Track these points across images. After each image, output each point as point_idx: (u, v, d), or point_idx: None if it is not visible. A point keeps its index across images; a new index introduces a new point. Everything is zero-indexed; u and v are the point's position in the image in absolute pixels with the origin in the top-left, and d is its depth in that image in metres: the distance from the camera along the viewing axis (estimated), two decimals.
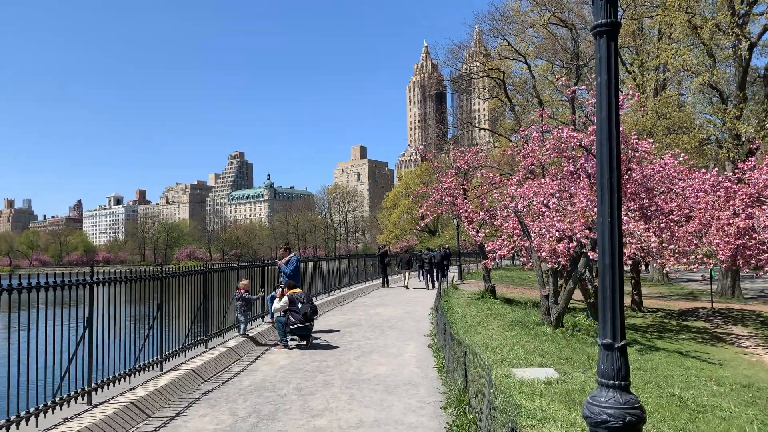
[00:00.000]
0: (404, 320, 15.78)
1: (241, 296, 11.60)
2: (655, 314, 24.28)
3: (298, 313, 11.42)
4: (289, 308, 11.48)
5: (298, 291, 11.86)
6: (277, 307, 11.56)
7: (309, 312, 11.51)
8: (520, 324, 14.75)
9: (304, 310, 11.44)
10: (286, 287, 11.92)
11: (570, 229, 14.11)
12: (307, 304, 11.53)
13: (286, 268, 13.44)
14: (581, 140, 16.41)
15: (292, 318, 11.43)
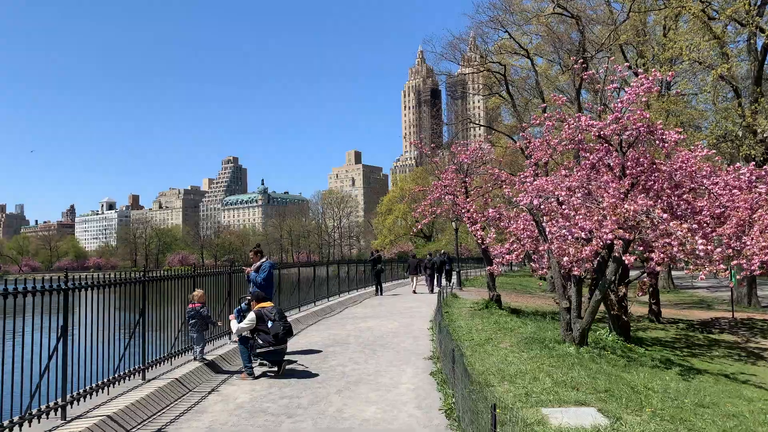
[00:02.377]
0: (399, 336, 13.48)
1: (195, 312, 9.28)
2: (676, 326, 22.02)
3: (268, 333, 9.11)
4: (256, 327, 9.16)
5: (269, 305, 9.52)
6: (242, 327, 9.24)
7: (281, 332, 9.19)
8: (537, 342, 12.45)
9: (275, 330, 9.13)
10: (253, 300, 9.61)
11: (597, 229, 11.86)
12: (278, 323, 9.21)
13: (255, 277, 11.04)
14: (600, 129, 14.26)
15: (260, 339, 9.11)
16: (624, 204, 11.89)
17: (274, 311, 9.35)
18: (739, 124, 28.17)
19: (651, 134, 14.22)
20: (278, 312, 9.42)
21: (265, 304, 9.44)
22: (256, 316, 9.16)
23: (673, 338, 18.61)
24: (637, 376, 10.30)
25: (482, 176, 20.67)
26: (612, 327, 15.08)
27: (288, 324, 9.48)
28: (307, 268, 19.55)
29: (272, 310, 9.36)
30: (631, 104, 14.14)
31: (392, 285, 32.75)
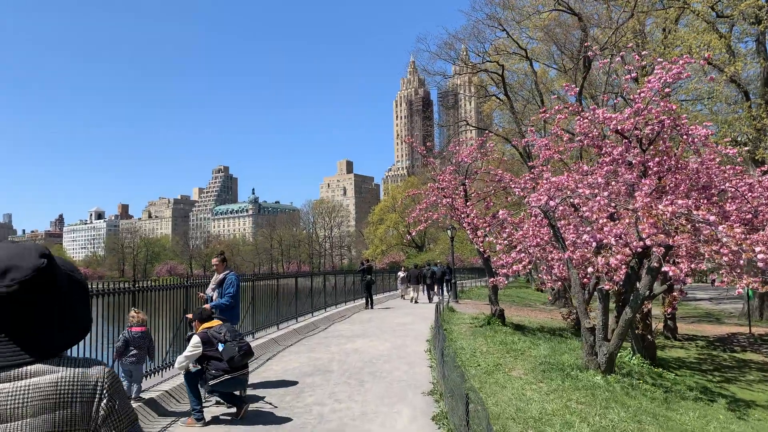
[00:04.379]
0: (392, 361, 11.46)
1: (130, 337, 7.25)
2: (695, 344, 20.12)
3: (220, 359, 7.08)
4: (204, 354, 7.12)
5: (216, 324, 7.47)
6: (183, 357, 7.16)
7: (238, 355, 7.12)
8: (555, 369, 10.47)
9: (229, 354, 7.05)
10: (195, 320, 7.57)
11: (627, 234, 9.95)
12: (232, 343, 7.16)
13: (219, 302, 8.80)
14: (620, 123, 12.43)
15: (212, 369, 7.07)
16: (658, 205, 9.99)
17: (224, 330, 7.30)
18: (754, 126, 26.53)
19: (677, 129, 12.40)
20: (230, 330, 7.37)
21: (210, 324, 7.41)
22: (201, 340, 7.13)
23: (697, 359, 16.68)
24: (686, 416, 8.34)
25: (483, 178, 18.74)
26: (636, 348, 13.14)
27: (245, 344, 7.41)
28: (289, 280, 17.53)
29: (221, 329, 7.31)
30: (655, 94, 12.29)
31: (384, 297, 30.70)
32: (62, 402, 1.48)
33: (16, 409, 1.44)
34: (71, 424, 1.49)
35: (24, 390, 1.45)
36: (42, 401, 1.46)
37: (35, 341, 1.52)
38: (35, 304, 1.53)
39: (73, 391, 1.51)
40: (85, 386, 1.53)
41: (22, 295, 1.50)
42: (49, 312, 1.55)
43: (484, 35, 34.21)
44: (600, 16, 36.20)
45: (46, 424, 1.45)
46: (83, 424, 1.50)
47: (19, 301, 1.50)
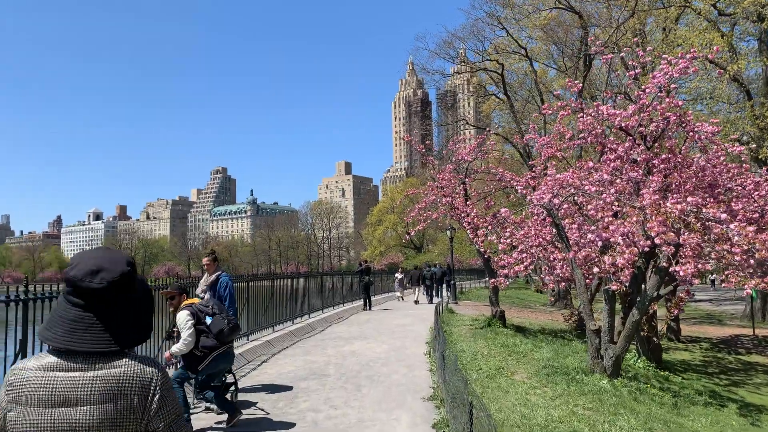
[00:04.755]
0: (390, 364, 11.09)
1: None
2: (699, 346, 19.77)
3: (208, 333, 6.73)
4: (195, 327, 6.76)
5: (197, 300, 7.22)
6: (182, 344, 6.76)
7: (227, 328, 6.78)
8: (560, 372, 10.10)
9: (219, 326, 6.72)
10: (176, 296, 7.22)
11: (633, 233, 9.59)
12: (220, 316, 6.87)
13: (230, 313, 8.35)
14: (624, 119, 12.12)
15: (197, 351, 6.71)
16: (666, 203, 9.64)
17: (211, 303, 7.01)
18: (757, 125, 26.23)
19: (682, 126, 12.08)
20: (216, 304, 7.08)
21: (192, 300, 7.08)
22: (190, 313, 6.78)
23: (702, 361, 16.32)
24: (698, 423, 7.98)
25: (483, 178, 18.38)
26: (641, 350, 12.78)
27: (233, 318, 7.17)
28: (285, 281, 17.15)
29: (207, 302, 7.02)
30: (660, 89, 11.97)
31: (382, 298, 30.34)
32: (123, 394, 1.73)
33: (85, 395, 1.69)
34: (128, 414, 1.73)
35: (95, 379, 1.71)
36: (106, 389, 1.72)
37: (117, 334, 1.79)
38: (117, 303, 1.82)
39: (133, 386, 1.76)
40: (142, 382, 1.77)
41: (108, 293, 1.80)
42: (127, 312, 1.85)
43: (484, 34, 33.92)
44: (600, 15, 35.93)
45: (108, 411, 1.70)
46: (138, 415, 1.75)
47: (105, 298, 1.80)
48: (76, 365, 1.73)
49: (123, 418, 1.74)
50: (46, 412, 1.70)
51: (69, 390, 1.71)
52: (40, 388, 1.71)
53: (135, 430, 1.77)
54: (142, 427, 1.78)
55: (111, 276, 1.81)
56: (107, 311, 1.81)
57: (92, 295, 1.79)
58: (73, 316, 1.79)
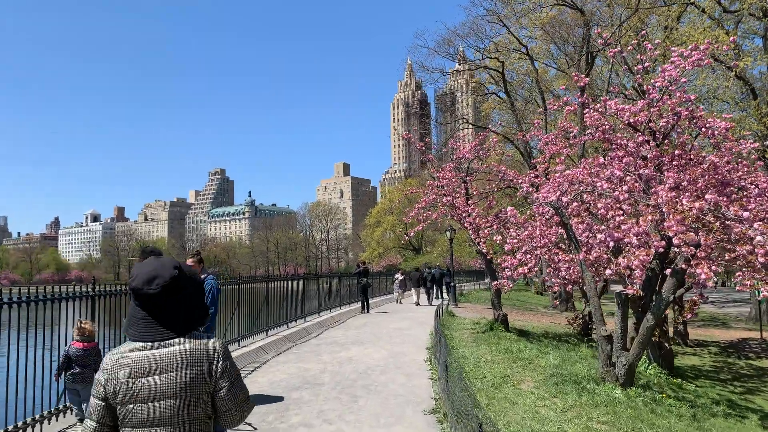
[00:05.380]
0: (389, 371, 10.48)
1: (73, 354, 6.23)
2: (708, 350, 19.19)
3: None
4: None
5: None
6: None
7: None
8: (569, 381, 9.49)
9: None
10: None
11: (645, 233, 8.98)
12: None
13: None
14: (634, 115, 11.57)
15: None
16: (682, 199, 9.04)
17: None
18: (764, 123, 25.71)
19: (694, 121, 11.50)
20: None
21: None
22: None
23: (712, 367, 15.74)
24: None
25: (485, 177, 17.78)
26: (651, 356, 12.18)
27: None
28: (280, 283, 16.53)
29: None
30: (673, 82, 11.38)
31: (380, 300, 29.71)
32: (194, 362, 2.32)
33: (168, 365, 2.29)
34: (201, 377, 2.32)
35: (170, 354, 2.30)
36: (183, 360, 2.30)
37: (174, 324, 2.36)
38: (173, 302, 2.38)
39: (201, 356, 2.34)
40: (207, 352, 2.36)
41: (163, 295, 2.35)
42: (180, 306, 2.39)
43: (484, 31, 33.40)
44: (602, 13, 35.46)
45: (185, 376, 2.29)
46: (208, 377, 2.33)
47: (161, 299, 2.36)
48: (158, 345, 2.29)
49: (196, 381, 2.28)
50: (137, 381, 2.24)
51: (154, 363, 2.26)
52: (134, 364, 2.26)
53: (206, 390, 2.31)
54: (211, 387, 2.32)
55: (163, 281, 2.32)
56: (163, 311, 2.32)
57: (150, 300, 2.32)
58: (142, 316, 2.33)
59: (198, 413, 2.32)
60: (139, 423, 2.26)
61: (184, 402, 2.28)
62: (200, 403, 2.32)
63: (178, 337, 2.33)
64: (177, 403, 2.27)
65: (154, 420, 2.26)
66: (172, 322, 2.34)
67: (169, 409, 2.27)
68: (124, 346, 2.34)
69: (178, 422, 2.28)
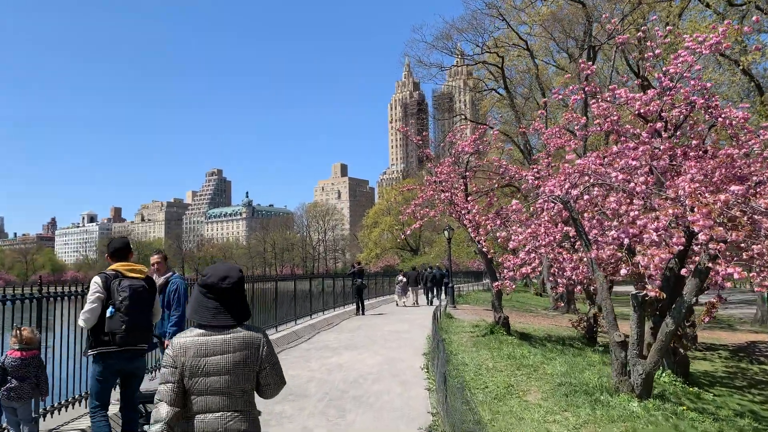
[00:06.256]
0: (383, 380, 9.62)
1: (8, 365, 5.34)
2: (717, 354, 18.36)
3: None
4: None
5: (136, 268, 5.46)
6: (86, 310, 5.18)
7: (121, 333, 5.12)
8: (579, 391, 8.65)
9: (113, 326, 5.12)
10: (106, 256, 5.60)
11: (665, 229, 8.12)
12: (122, 313, 5.15)
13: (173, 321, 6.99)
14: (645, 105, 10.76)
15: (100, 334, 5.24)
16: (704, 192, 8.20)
17: (135, 285, 5.33)
18: None
19: (709, 111, 10.67)
20: (136, 290, 5.30)
21: (129, 266, 5.42)
22: (101, 283, 5.29)
23: (726, 372, 14.91)
24: None
25: (486, 170, 16.91)
26: (666, 363, 11.32)
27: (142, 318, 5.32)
28: (269, 284, 15.67)
29: (131, 284, 5.30)
30: (689, 68, 10.55)
31: (376, 302, 28.85)
32: (246, 346, 2.96)
33: (226, 347, 2.92)
34: (250, 359, 2.96)
35: (231, 338, 2.94)
36: (237, 344, 2.94)
37: (236, 312, 3.01)
38: (235, 296, 3.04)
39: (251, 342, 2.99)
40: (255, 340, 3.01)
41: (231, 291, 3.02)
42: (240, 301, 3.06)
43: (483, 26, 32.58)
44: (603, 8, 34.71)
45: (239, 357, 2.93)
46: (256, 359, 2.98)
47: (230, 293, 3.01)
48: (218, 332, 2.95)
49: (249, 360, 2.96)
50: (202, 359, 2.90)
51: (218, 345, 2.93)
52: (199, 346, 2.92)
53: (253, 369, 2.99)
54: (257, 368, 3.01)
55: (233, 280, 3.04)
56: (231, 301, 3.02)
57: (222, 293, 3.01)
58: (212, 305, 3.00)
59: (246, 386, 2.97)
60: (202, 391, 2.88)
61: (237, 377, 2.91)
62: (248, 378, 2.97)
63: (236, 327, 2.96)
64: (232, 378, 2.90)
65: (214, 389, 2.88)
66: (235, 311, 2.99)
67: (226, 382, 2.89)
68: (190, 332, 2.98)
69: (231, 392, 2.90)
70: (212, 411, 2.89)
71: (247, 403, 3.00)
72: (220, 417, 2.89)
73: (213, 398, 2.89)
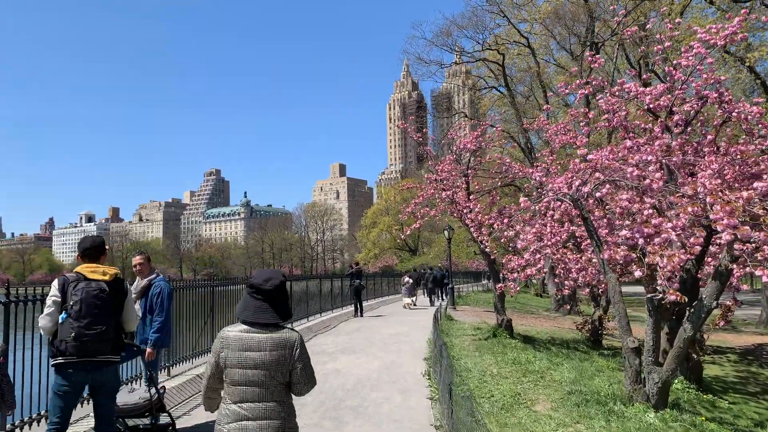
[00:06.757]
0: (381, 387, 9.11)
1: None
2: (725, 357, 17.86)
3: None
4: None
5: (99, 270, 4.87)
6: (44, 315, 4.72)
7: (71, 343, 4.56)
8: (591, 400, 8.14)
9: (64, 334, 4.57)
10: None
11: (683, 228, 7.62)
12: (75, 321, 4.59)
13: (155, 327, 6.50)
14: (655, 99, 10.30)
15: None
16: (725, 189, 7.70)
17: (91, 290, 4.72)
18: None
19: (723, 106, 10.18)
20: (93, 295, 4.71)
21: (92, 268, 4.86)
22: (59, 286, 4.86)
23: (737, 377, 14.41)
24: None
25: (487, 170, 16.41)
26: (678, 369, 10.81)
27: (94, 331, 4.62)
28: None
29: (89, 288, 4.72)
30: (702, 61, 10.07)
31: (376, 303, 28.33)
32: (282, 346, 3.24)
33: (265, 346, 3.19)
34: (285, 357, 3.22)
35: (268, 338, 3.22)
36: (274, 344, 3.22)
37: (278, 311, 3.31)
38: (278, 297, 3.32)
39: (286, 342, 3.26)
40: (290, 341, 3.27)
41: (274, 292, 3.31)
42: (281, 301, 3.34)
43: (484, 23, 32.06)
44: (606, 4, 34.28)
45: (274, 355, 3.20)
46: (290, 359, 3.24)
47: (273, 294, 3.30)
48: (258, 330, 3.23)
49: (283, 358, 3.21)
50: (242, 353, 3.18)
51: (256, 342, 3.20)
52: (240, 341, 3.21)
53: (286, 367, 3.23)
54: (290, 366, 3.24)
55: (275, 283, 3.32)
56: (273, 301, 3.29)
57: (265, 293, 3.29)
58: (257, 304, 3.29)
59: (280, 380, 3.26)
60: (242, 382, 3.21)
61: (272, 372, 3.21)
62: (282, 374, 3.25)
63: (276, 326, 3.29)
64: (267, 372, 3.21)
65: (251, 381, 3.21)
66: (277, 309, 3.30)
67: (262, 375, 3.21)
68: (236, 326, 3.30)
69: (266, 384, 3.22)
70: (250, 400, 3.21)
71: (282, 394, 3.29)
72: (257, 406, 3.21)
73: (251, 389, 3.20)
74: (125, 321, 4.90)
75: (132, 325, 5.02)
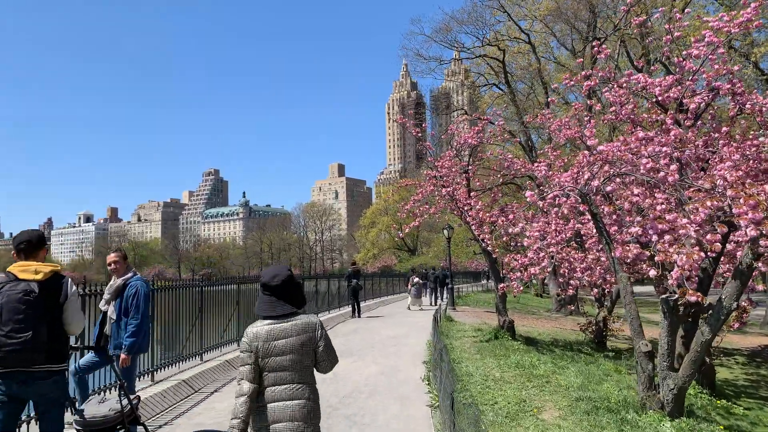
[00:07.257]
0: (379, 394, 8.59)
1: None
2: (733, 359, 17.38)
3: None
4: None
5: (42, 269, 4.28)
6: None
7: None
8: (602, 408, 7.63)
9: None
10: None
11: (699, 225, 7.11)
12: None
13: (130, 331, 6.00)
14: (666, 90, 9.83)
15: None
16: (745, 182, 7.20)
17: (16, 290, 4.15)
18: None
19: (735, 98, 9.70)
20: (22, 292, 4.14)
21: (25, 266, 4.30)
22: None
23: (747, 380, 13.92)
24: None
25: (489, 167, 15.92)
26: None
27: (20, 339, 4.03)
28: (255, 285, 14.62)
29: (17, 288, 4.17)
30: (714, 50, 9.60)
31: (374, 303, 27.82)
32: (305, 330, 3.59)
33: (290, 332, 3.53)
34: (309, 340, 3.58)
35: (292, 325, 3.56)
36: (298, 329, 3.56)
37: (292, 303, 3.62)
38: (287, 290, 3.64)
39: (309, 326, 3.62)
40: (312, 325, 3.63)
41: (282, 286, 3.63)
42: (291, 293, 3.65)
43: (484, 18, 31.55)
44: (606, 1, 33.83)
45: (300, 339, 3.54)
46: (314, 341, 3.61)
47: (281, 288, 3.63)
48: (281, 321, 3.55)
49: (308, 341, 3.57)
50: (271, 343, 3.50)
51: (281, 331, 3.52)
52: (269, 332, 3.52)
53: (312, 348, 3.60)
54: (315, 347, 3.61)
55: (282, 278, 3.63)
56: (284, 294, 3.61)
57: (274, 288, 3.61)
58: (270, 300, 3.62)
59: (307, 362, 3.62)
60: (273, 369, 3.52)
61: (299, 356, 3.55)
62: (309, 356, 3.62)
63: (295, 314, 3.62)
64: (295, 357, 3.54)
65: (282, 366, 3.52)
66: (290, 300, 3.62)
67: (291, 360, 3.54)
68: (259, 323, 3.61)
69: (296, 368, 3.55)
70: (281, 384, 3.52)
71: (309, 376, 3.64)
72: (287, 388, 3.52)
73: (281, 374, 3.51)
74: (66, 324, 4.28)
75: (73, 328, 4.33)
